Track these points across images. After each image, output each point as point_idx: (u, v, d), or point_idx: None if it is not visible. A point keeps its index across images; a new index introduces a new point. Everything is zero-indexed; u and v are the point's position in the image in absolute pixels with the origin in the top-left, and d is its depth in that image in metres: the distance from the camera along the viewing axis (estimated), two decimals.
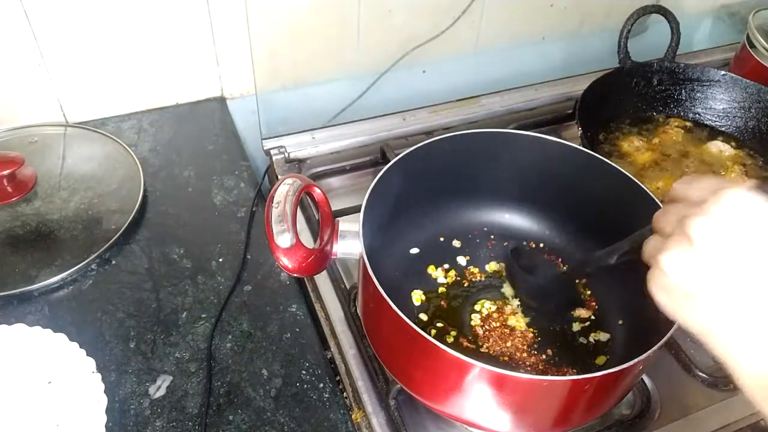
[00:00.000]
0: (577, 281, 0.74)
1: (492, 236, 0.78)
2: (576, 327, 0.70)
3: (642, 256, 0.44)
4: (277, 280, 0.76)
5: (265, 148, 0.94)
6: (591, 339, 0.69)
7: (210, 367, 0.67)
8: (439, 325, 0.70)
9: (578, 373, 0.65)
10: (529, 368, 0.67)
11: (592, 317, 0.71)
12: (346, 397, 0.68)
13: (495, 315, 0.71)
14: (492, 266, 0.76)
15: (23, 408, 0.61)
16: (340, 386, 0.69)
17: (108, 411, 0.60)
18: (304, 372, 0.67)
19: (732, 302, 0.38)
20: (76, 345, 0.64)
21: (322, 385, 0.66)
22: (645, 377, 0.69)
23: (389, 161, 0.65)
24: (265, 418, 0.63)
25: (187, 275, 0.75)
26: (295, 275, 0.61)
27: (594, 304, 0.72)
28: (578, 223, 0.76)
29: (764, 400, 0.37)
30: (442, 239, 0.77)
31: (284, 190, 0.57)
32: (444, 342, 0.65)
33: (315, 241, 0.80)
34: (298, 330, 0.71)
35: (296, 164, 0.94)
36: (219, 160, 0.90)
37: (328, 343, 0.73)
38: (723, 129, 1.00)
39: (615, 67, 0.99)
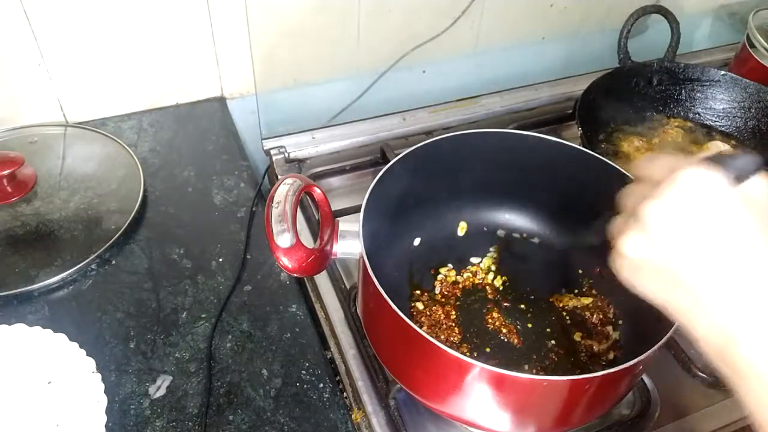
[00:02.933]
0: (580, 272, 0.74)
1: (492, 236, 0.78)
2: (577, 337, 0.70)
3: (608, 236, 0.46)
4: (277, 280, 0.76)
5: (265, 148, 0.94)
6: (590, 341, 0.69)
7: (210, 367, 0.67)
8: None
9: (578, 373, 0.65)
10: (529, 368, 0.67)
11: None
12: (346, 397, 0.68)
13: (495, 314, 0.71)
14: (492, 266, 0.76)
15: (23, 408, 0.61)
16: (340, 386, 0.69)
17: (108, 411, 0.60)
18: (304, 372, 0.67)
19: (685, 276, 0.40)
20: (76, 345, 0.64)
21: (322, 385, 0.66)
22: (645, 377, 0.69)
23: (389, 161, 0.65)
24: (265, 418, 0.63)
25: (187, 275, 0.75)
26: (295, 275, 0.61)
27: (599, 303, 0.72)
28: (578, 223, 0.75)
29: (721, 362, 0.39)
30: (442, 239, 0.77)
31: (284, 190, 0.57)
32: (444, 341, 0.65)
33: (315, 241, 0.80)
34: (298, 330, 0.71)
35: (296, 164, 0.94)
36: (219, 160, 0.90)
37: (328, 343, 0.73)
38: (723, 129, 1.00)
39: (615, 67, 0.99)
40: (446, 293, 0.73)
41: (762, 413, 0.38)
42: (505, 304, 0.72)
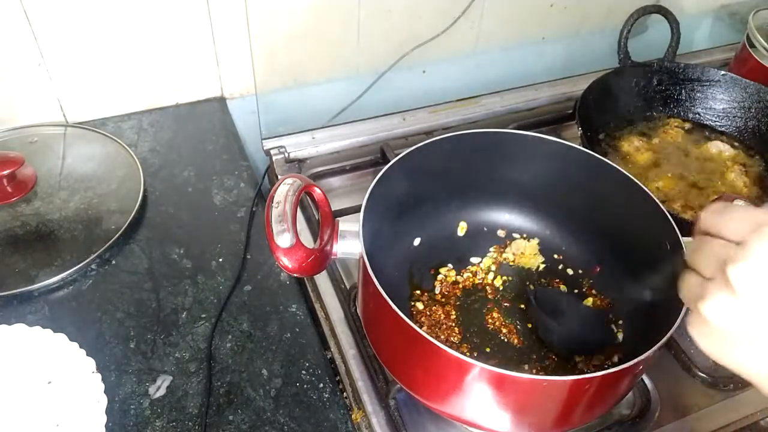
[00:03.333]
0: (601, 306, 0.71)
1: (492, 236, 0.78)
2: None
3: (680, 295, 0.43)
4: (277, 280, 0.76)
5: (265, 148, 0.94)
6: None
7: (210, 367, 0.67)
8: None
9: (578, 373, 0.65)
10: (529, 368, 0.67)
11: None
12: (346, 397, 0.68)
13: (495, 314, 0.71)
14: (492, 266, 0.76)
15: (23, 408, 0.61)
16: (340, 386, 0.69)
17: (108, 411, 0.60)
18: (304, 372, 0.67)
19: None
20: (76, 345, 0.64)
21: (322, 385, 0.66)
22: (645, 377, 0.69)
23: (389, 161, 0.65)
24: (265, 418, 0.63)
25: (187, 275, 0.75)
26: (295, 275, 0.61)
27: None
28: (578, 223, 0.76)
29: None
30: (442, 239, 0.77)
31: (284, 190, 0.57)
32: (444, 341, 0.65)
33: (315, 241, 0.80)
34: (298, 330, 0.71)
35: (296, 164, 0.94)
36: (219, 160, 0.90)
37: (328, 343, 0.73)
38: (723, 129, 1.00)
39: (615, 67, 0.99)
40: (446, 293, 0.73)
41: None
42: (505, 304, 0.72)
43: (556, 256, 0.76)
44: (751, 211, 0.39)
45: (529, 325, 0.70)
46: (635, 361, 0.51)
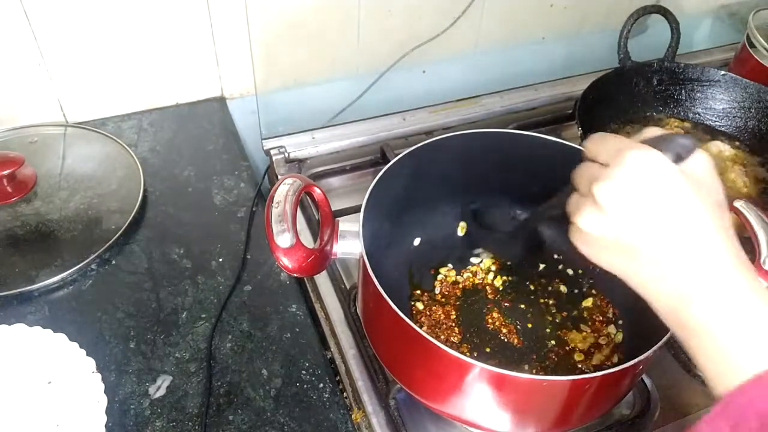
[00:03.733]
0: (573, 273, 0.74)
1: (492, 236, 0.78)
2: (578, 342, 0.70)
3: (566, 210, 0.50)
4: (277, 280, 0.76)
5: (265, 148, 0.94)
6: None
7: (210, 367, 0.67)
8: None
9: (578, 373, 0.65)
10: (529, 368, 0.67)
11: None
12: (346, 397, 0.68)
13: (495, 314, 0.71)
14: (492, 266, 0.76)
15: (23, 408, 0.61)
16: (340, 386, 0.69)
17: (108, 411, 0.60)
18: (304, 372, 0.67)
19: (640, 247, 0.43)
20: (76, 345, 0.64)
21: (322, 385, 0.66)
22: (645, 377, 0.69)
23: (389, 161, 0.65)
24: (265, 418, 0.63)
25: (187, 275, 0.75)
26: (295, 275, 0.61)
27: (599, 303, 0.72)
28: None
29: (676, 323, 0.43)
30: (442, 239, 0.77)
31: (284, 190, 0.57)
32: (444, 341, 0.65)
33: (315, 241, 0.80)
34: (298, 330, 0.71)
35: (296, 164, 0.94)
36: (219, 160, 0.90)
37: (328, 343, 0.73)
38: (723, 129, 1.00)
39: (615, 67, 0.99)
40: (446, 293, 0.73)
41: (712, 367, 0.41)
42: (505, 304, 0.72)
43: (556, 256, 0.76)
44: (619, 139, 0.45)
45: (529, 325, 0.70)
46: (635, 361, 0.51)
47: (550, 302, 0.73)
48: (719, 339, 0.40)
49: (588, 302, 0.72)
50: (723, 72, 0.99)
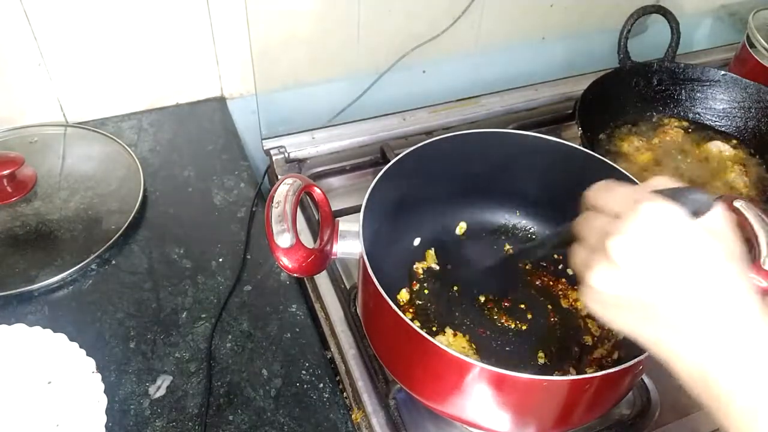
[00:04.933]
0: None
1: (491, 236, 0.78)
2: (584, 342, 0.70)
3: (570, 265, 0.46)
4: (277, 280, 0.76)
5: (265, 148, 0.94)
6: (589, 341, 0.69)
7: (210, 367, 0.67)
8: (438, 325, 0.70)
9: (576, 372, 0.65)
10: (528, 367, 0.67)
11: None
12: (346, 397, 0.68)
13: (495, 316, 0.71)
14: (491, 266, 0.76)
15: (23, 408, 0.61)
16: (340, 386, 0.69)
17: (108, 411, 0.60)
18: (304, 372, 0.67)
19: (659, 309, 0.40)
20: (76, 345, 0.64)
21: (322, 385, 0.66)
22: (645, 377, 0.69)
23: (389, 161, 0.65)
24: (265, 418, 0.63)
25: (187, 275, 0.75)
26: (295, 275, 0.61)
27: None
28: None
29: (700, 392, 0.40)
30: (441, 239, 0.77)
31: (284, 190, 0.57)
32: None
33: (315, 241, 0.80)
34: (298, 330, 0.71)
35: (296, 164, 0.94)
36: (219, 160, 0.90)
37: (328, 343, 0.73)
38: (723, 129, 1.00)
39: (615, 67, 0.99)
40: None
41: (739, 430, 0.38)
42: (505, 304, 0.72)
43: (556, 256, 0.76)
44: (631, 188, 0.43)
45: (529, 325, 0.70)
46: (635, 361, 0.51)
47: (549, 301, 0.73)
48: (748, 404, 0.37)
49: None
50: (723, 72, 0.99)
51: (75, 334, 0.65)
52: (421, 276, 0.74)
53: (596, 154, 0.69)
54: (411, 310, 0.71)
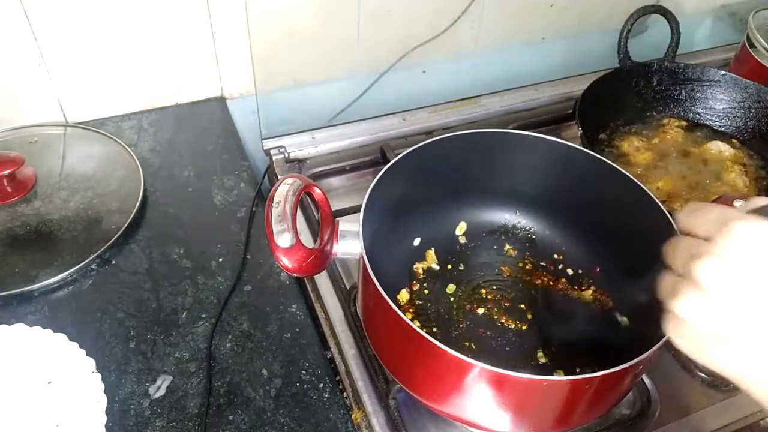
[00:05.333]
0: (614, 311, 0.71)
1: (491, 236, 0.78)
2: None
3: (658, 294, 0.42)
4: (277, 280, 0.76)
5: (265, 148, 0.94)
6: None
7: (210, 367, 0.67)
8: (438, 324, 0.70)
9: (578, 372, 0.65)
10: (528, 367, 0.67)
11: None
12: (346, 397, 0.68)
13: (496, 316, 0.71)
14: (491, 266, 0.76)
15: (23, 408, 0.61)
16: (340, 386, 0.69)
17: (108, 411, 0.60)
18: (304, 372, 0.67)
19: (755, 337, 0.36)
20: (76, 345, 0.64)
21: (322, 385, 0.66)
22: (645, 377, 0.69)
23: (389, 161, 0.65)
24: (265, 418, 0.63)
25: (187, 275, 0.75)
26: (295, 275, 0.61)
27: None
28: (578, 223, 0.76)
29: None
30: (441, 239, 0.77)
31: (284, 190, 0.57)
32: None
33: (315, 241, 0.80)
34: (298, 330, 0.71)
35: (296, 164, 0.94)
36: (219, 160, 0.90)
37: (328, 343, 0.73)
38: (723, 129, 1.00)
39: (615, 67, 0.99)
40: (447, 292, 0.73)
41: None
42: (505, 304, 0.72)
43: (556, 256, 0.76)
44: (721, 209, 0.39)
45: (530, 325, 0.70)
46: (635, 361, 0.51)
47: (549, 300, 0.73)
48: None
49: (588, 296, 0.72)
50: (723, 72, 0.99)
51: (75, 334, 0.65)
52: (421, 276, 0.74)
53: (596, 154, 0.69)
54: (411, 310, 0.71)
